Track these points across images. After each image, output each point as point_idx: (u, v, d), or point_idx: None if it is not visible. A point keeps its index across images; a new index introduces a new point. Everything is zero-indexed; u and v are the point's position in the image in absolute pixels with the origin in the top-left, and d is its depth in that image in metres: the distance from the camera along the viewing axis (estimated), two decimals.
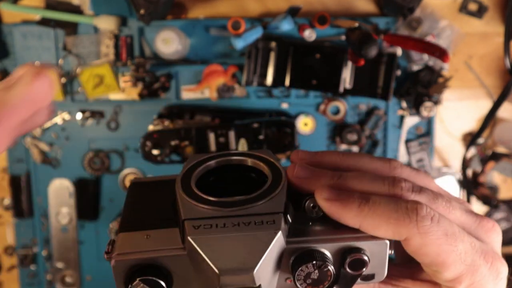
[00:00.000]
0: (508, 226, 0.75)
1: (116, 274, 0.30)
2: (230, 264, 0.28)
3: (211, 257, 0.28)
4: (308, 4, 0.70)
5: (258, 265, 0.28)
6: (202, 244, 0.28)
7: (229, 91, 0.69)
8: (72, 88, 0.71)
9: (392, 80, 0.68)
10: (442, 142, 0.74)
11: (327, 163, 0.32)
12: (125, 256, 0.29)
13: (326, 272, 0.29)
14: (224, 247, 0.28)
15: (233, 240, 0.28)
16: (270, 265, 0.29)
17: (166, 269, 0.30)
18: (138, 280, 0.29)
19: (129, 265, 0.29)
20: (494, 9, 0.70)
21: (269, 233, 0.28)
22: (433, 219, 0.28)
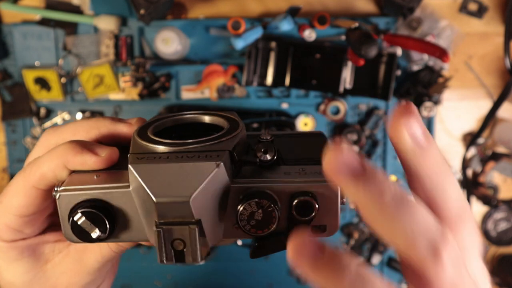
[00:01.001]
0: (508, 226, 0.75)
1: (61, 208, 0.30)
2: (167, 192, 0.27)
3: (149, 185, 0.27)
4: (308, 4, 0.70)
5: (195, 193, 0.27)
6: (142, 172, 0.28)
7: (229, 91, 0.69)
8: (72, 88, 0.71)
9: (392, 80, 0.68)
10: (442, 142, 0.74)
11: None
12: (70, 191, 0.30)
13: (270, 213, 0.28)
14: (163, 176, 0.28)
15: (173, 169, 0.28)
16: (212, 200, 0.28)
17: (110, 206, 0.30)
18: (80, 213, 0.29)
19: (73, 201, 0.30)
20: (494, 9, 0.70)
21: (209, 164, 0.28)
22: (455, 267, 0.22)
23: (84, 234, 0.30)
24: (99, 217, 0.29)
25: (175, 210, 0.27)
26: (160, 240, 0.28)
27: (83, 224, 0.29)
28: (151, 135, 0.31)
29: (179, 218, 0.28)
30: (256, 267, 0.73)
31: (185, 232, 0.28)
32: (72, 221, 0.29)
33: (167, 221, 0.28)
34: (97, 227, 0.29)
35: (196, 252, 0.28)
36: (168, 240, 0.28)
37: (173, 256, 0.28)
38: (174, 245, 0.28)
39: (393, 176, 0.72)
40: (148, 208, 0.29)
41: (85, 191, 0.30)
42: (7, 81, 0.71)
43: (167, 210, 0.27)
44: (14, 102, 0.71)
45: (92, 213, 0.29)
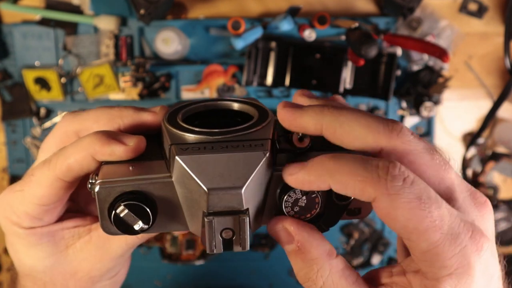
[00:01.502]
0: (508, 226, 0.75)
1: (100, 201, 0.29)
2: (218, 183, 0.27)
3: (200, 176, 0.27)
4: (308, 4, 0.70)
5: (246, 183, 0.27)
6: (191, 163, 0.28)
7: (229, 91, 0.69)
8: (72, 88, 0.71)
9: (392, 80, 0.68)
10: (442, 142, 0.74)
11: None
12: (109, 183, 0.29)
13: (313, 199, 0.29)
14: (212, 166, 0.28)
15: (222, 159, 0.28)
16: (258, 189, 0.29)
17: (150, 197, 0.30)
18: (122, 205, 0.28)
19: (113, 193, 0.29)
20: (494, 9, 0.70)
21: (257, 154, 0.28)
22: (406, 180, 0.25)
23: (126, 227, 0.29)
24: (142, 209, 0.29)
25: (226, 200, 0.27)
26: (211, 230, 0.28)
27: (126, 217, 0.29)
28: (182, 123, 0.31)
29: (229, 208, 0.28)
30: (256, 267, 0.73)
31: (235, 222, 0.28)
32: (115, 214, 0.29)
33: (216, 211, 0.28)
34: (140, 219, 0.29)
35: (245, 240, 0.28)
36: (218, 229, 0.28)
37: (222, 244, 0.28)
38: (222, 234, 0.28)
39: None
40: (195, 198, 0.28)
41: (125, 183, 0.29)
42: (7, 81, 0.71)
43: (218, 200, 0.27)
44: (14, 102, 0.71)
45: (135, 205, 0.29)
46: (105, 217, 0.30)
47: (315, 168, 0.27)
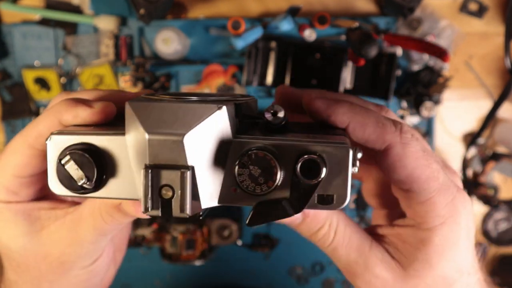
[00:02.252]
0: (509, 226, 0.75)
1: (49, 152, 0.28)
2: (160, 128, 0.25)
3: (144, 121, 0.25)
4: (308, 4, 0.70)
5: (189, 131, 0.25)
6: (138, 108, 0.26)
7: (229, 91, 0.69)
8: (72, 88, 0.71)
9: (392, 80, 0.68)
10: (442, 142, 0.74)
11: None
12: (61, 134, 0.28)
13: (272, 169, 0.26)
14: (159, 113, 0.25)
15: (171, 107, 0.26)
16: (210, 149, 0.26)
17: (102, 153, 0.27)
18: (68, 155, 0.26)
19: (64, 144, 0.27)
20: (494, 9, 0.70)
21: (210, 106, 0.26)
22: (414, 135, 0.30)
23: (70, 181, 0.27)
24: (87, 161, 0.26)
25: (168, 150, 0.25)
26: (147, 184, 0.25)
27: (70, 168, 0.27)
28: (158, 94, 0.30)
29: (171, 161, 0.25)
30: (256, 267, 0.73)
31: (176, 178, 0.25)
32: (59, 164, 0.27)
33: (157, 164, 0.25)
34: (84, 172, 0.27)
35: (185, 201, 0.25)
36: (156, 185, 0.25)
37: (160, 205, 0.25)
38: (161, 193, 0.25)
39: None
40: (141, 152, 0.26)
41: (78, 135, 0.27)
42: (6, 81, 0.71)
43: (159, 149, 0.25)
44: (14, 102, 0.71)
45: (81, 155, 0.26)
46: (52, 170, 0.28)
47: (343, 104, 0.30)
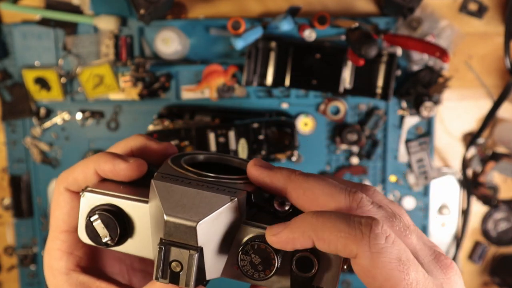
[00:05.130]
0: (508, 226, 0.75)
1: (82, 207, 0.32)
2: (177, 212, 0.28)
3: (164, 202, 0.29)
4: (308, 4, 0.70)
5: (202, 220, 0.28)
6: (161, 189, 0.29)
7: (229, 91, 0.69)
8: (72, 88, 0.71)
9: (392, 80, 0.68)
10: (442, 142, 0.74)
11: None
12: (94, 192, 0.32)
13: (270, 260, 0.29)
14: (179, 197, 0.29)
15: (189, 193, 0.29)
16: (219, 233, 0.29)
17: (126, 216, 0.31)
18: (97, 214, 0.31)
19: (95, 202, 0.31)
20: (494, 9, 0.70)
21: (224, 197, 0.29)
22: (387, 239, 0.26)
23: (96, 236, 0.31)
24: (113, 223, 0.31)
25: (182, 232, 0.28)
26: (160, 257, 0.28)
27: (97, 227, 0.31)
28: (183, 163, 0.33)
29: (183, 240, 0.28)
30: None
31: (184, 256, 0.28)
32: (88, 220, 0.31)
33: (171, 241, 0.28)
34: (109, 231, 0.31)
35: (190, 277, 0.28)
36: (167, 259, 0.28)
37: (169, 275, 0.29)
38: (171, 266, 0.29)
39: (393, 176, 0.72)
40: (159, 225, 0.29)
41: (107, 196, 0.32)
42: (7, 81, 0.71)
43: (174, 230, 0.28)
44: (14, 102, 0.71)
45: (108, 217, 0.31)
46: (82, 222, 0.32)
47: (298, 225, 0.28)
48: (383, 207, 0.28)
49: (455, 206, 0.75)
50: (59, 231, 0.35)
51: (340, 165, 0.72)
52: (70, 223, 0.35)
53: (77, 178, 0.34)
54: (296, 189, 0.30)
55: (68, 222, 0.35)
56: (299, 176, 0.30)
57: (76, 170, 0.34)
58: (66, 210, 0.35)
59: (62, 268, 0.36)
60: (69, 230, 0.35)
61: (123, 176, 0.33)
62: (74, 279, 0.36)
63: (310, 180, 0.29)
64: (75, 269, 0.36)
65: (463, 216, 0.74)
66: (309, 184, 0.29)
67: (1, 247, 0.76)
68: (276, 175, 0.30)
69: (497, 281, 0.75)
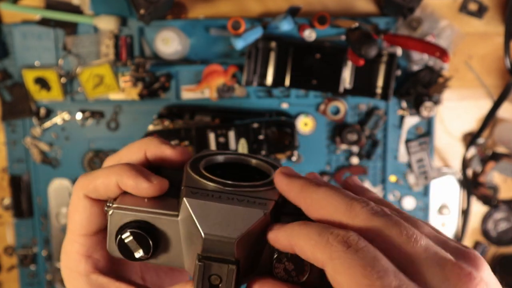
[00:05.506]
0: (508, 226, 0.75)
1: (111, 224, 0.32)
2: (215, 230, 0.29)
3: (200, 221, 0.30)
4: (308, 4, 0.70)
5: (239, 236, 0.29)
6: (195, 207, 0.30)
7: (229, 91, 0.69)
8: (72, 88, 0.71)
9: (392, 80, 0.68)
10: (442, 142, 0.74)
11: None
12: (122, 209, 0.32)
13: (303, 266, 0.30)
14: (214, 214, 0.30)
15: (224, 209, 0.30)
16: (253, 244, 0.30)
17: (156, 230, 0.32)
18: (128, 232, 0.31)
19: (124, 218, 0.32)
20: (494, 9, 0.70)
21: (257, 211, 0.30)
22: (351, 247, 0.25)
23: (128, 252, 0.32)
24: (145, 239, 0.31)
25: (219, 247, 0.29)
26: (200, 273, 0.30)
27: (130, 243, 0.31)
28: (203, 170, 0.34)
29: (221, 255, 0.30)
30: None
31: (224, 270, 0.30)
32: (120, 238, 0.31)
33: (209, 256, 0.30)
34: (142, 247, 0.31)
35: None
36: (207, 273, 0.30)
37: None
38: (211, 280, 0.30)
39: (393, 176, 0.72)
40: (194, 240, 0.30)
41: (136, 212, 0.32)
42: (7, 81, 0.71)
43: (212, 246, 0.29)
44: (14, 102, 0.71)
45: (139, 234, 0.31)
46: (112, 239, 0.32)
47: (285, 230, 0.29)
48: (388, 215, 0.28)
49: (455, 206, 0.75)
50: (77, 235, 0.36)
51: (340, 165, 0.72)
52: (89, 228, 0.35)
53: (98, 187, 0.34)
54: (307, 200, 0.30)
55: (87, 227, 0.35)
56: (311, 186, 0.30)
57: (97, 179, 0.34)
58: (86, 215, 0.35)
59: (82, 271, 0.36)
60: (87, 234, 0.36)
61: (145, 194, 0.33)
62: (94, 280, 0.36)
63: (320, 191, 0.29)
64: (94, 271, 0.36)
65: (463, 216, 0.74)
66: (318, 195, 0.29)
67: (1, 247, 0.76)
68: (292, 184, 0.31)
69: None
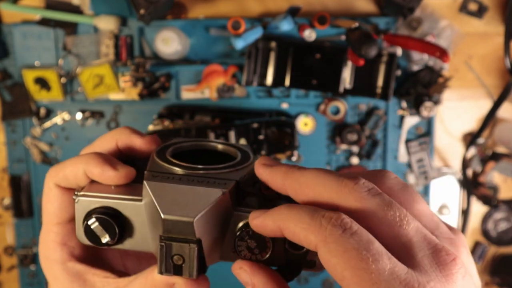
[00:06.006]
0: (508, 226, 0.75)
1: (78, 211, 0.33)
2: (174, 211, 0.30)
3: (160, 202, 0.30)
4: (308, 4, 0.70)
5: (198, 216, 0.29)
6: (154, 189, 0.31)
7: (229, 91, 0.69)
8: (72, 88, 0.71)
9: (392, 80, 0.68)
10: (442, 142, 0.74)
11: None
12: (88, 196, 0.33)
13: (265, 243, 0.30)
14: (173, 195, 0.30)
15: (183, 190, 0.31)
16: (214, 223, 0.31)
17: (122, 215, 0.33)
18: (94, 218, 0.32)
19: (90, 206, 0.33)
20: (494, 9, 0.70)
21: (215, 191, 0.30)
22: (345, 230, 0.25)
23: (95, 238, 0.32)
24: (110, 224, 0.32)
25: (179, 227, 0.30)
26: (162, 253, 0.30)
27: (96, 229, 0.32)
28: (168, 157, 0.34)
29: (182, 235, 0.30)
30: None
31: (185, 249, 0.30)
32: (86, 225, 0.32)
33: (170, 236, 0.30)
34: (108, 233, 0.32)
35: (193, 268, 0.31)
36: (169, 254, 0.30)
37: (172, 268, 0.31)
38: (173, 259, 0.30)
39: None
40: (155, 222, 0.31)
41: (101, 198, 0.33)
42: (7, 81, 0.71)
43: (172, 226, 0.30)
44: (14, 102, 0.71)
45: (105, 220, 0.32)
46: (80, 226, 0.33)
47: (271, 214, 0.29)
48: (381, 195, 0.27)
49: (455, 206, 0.75)
50: (52, 224, 0.36)
51: (340, 165, 0.72)
52: (61, 216, 0.36)
53: (67, 176, 0.35)
54: (293, 185, 0.30)
55: (60, 215, 0.36)
56: (296, 171, 0.30)
57: (66, 169, 0.35)
58: (57, 204, 0.36)
59: (58, 258, 0.37)
60: (61, 222, 0.36)
61: (111, 182, 0.34)
62: (71, 268, 0.37)
63: (306, 173, 0.29)
64: (71, 259, 0.37)
65: (463, 216, 0.74)
66: (305, 178, 0.29)
67: (1, 247, 0.76)
68: (275, 173, 0.31)
69: (497, 281, 0.75)
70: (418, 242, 0.27)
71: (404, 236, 0.26)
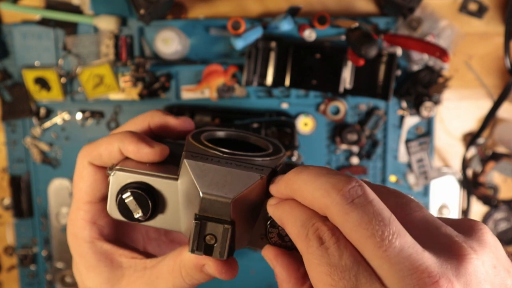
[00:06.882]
0: (508, 226, 0.75)
1: (113, 185, 0.33)
2: (212, 190, 0.30)
3: (199, 181, 0.31)
4: (308, 4, 0.70)
5: (236, 197, 0.30)
6: (194, 168, 0.31)
7: (229, 91, 0.69)
8: (72, 88, 0.71)
9: (392, 80, 0.68)
10: (442, 142, 0.74)
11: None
12: (124, 171, 0.33)
13: None
14: (212, 175, 0.31)
15: (222, 171, 0.31)
16: (248, 208, 0.31)
17: (156, 192, 0.33)
18: (129, 192, 0.32)
19: (125, 180, 0.33)
20: (494, 9, 0.70)
21: (254, 175, 0.31)
22: (323, 245, 0.26)
23: (128, 212, 0.33)
24: (145, 199, 0.32)
25: (216, 207, 0.30)
26: (196, 232, 0.31)
27: (130, 203, 0.32)
28: (204, 141, 0.35)
29: (217, 215, 0.30)
30: (256, 267, 0.73)
31: (219, 229, 0.31)
32: (120, 198, 0.32)
33: (205, 216, 0.31)
34: (141, 208, 0.32)
35: (224, 249, 0.31)
36: (203, 233, 0.31)
37: (203, 248, 0.31)
38: (206, 239, 0.31)
39: (393, 176, 0.72)
40: (191, 201, 0.32)
41: (137, 174, 0.33)
42: (7, 81, 0.71)
43: (209, 206, 0.30)
44: (14, 102, 0.71)
45: (140, 194, 0.32)
46: (113, 200, 0.33)
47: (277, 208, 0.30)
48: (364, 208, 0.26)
49: (455, 206, 0.75)
50: (82, 202, 0.37)
51: (340, 165, 0.72)
52: (93, 195, 0.36)
53: (101, 154, 0.35)
54: (295, 193, 0.30)
55: (92, 194, 0.36)
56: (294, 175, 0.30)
57: (100, 146, 0.35)
58: (90, 182, 0.36)
59: (87, 237, 0.37)
60: (92, 201, 0.37)
61: (146, 159, 0.34)
62: (98, 247, 0.37)
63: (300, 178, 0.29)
64: (99, 238, 0.37)
65: (463, 216, 0.74)
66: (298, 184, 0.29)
67: (1, 247, 0.76)
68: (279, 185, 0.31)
69: None
70: (398, 264, 0.24)
71: (383, 257, 0.25)
